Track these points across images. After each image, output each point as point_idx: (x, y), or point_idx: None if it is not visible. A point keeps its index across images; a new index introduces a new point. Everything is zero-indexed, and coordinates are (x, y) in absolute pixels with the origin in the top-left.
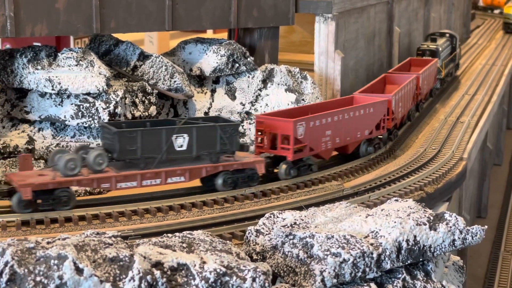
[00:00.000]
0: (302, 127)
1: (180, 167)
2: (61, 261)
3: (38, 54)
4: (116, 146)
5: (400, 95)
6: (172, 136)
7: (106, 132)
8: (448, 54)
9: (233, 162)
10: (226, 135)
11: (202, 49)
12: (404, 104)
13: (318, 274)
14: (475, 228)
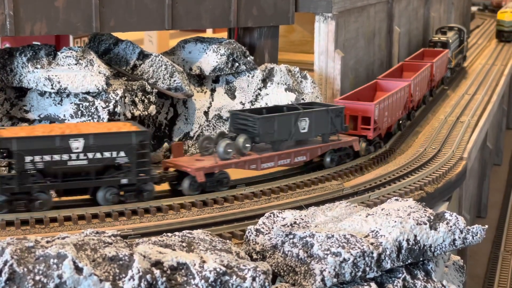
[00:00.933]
0: (377, 109)
1: (303, 148)
2: (60, 260)
3: (37, 53)
4: (259, 131)
5: (417, 81)
6: (298, 120)
7: (242, 119)
8: (457, 46)
9: (339, 141)
10: (335, 118)
11: (202, 48)
12: (420, 88)
13: (318, 273)
14: (475, 228)
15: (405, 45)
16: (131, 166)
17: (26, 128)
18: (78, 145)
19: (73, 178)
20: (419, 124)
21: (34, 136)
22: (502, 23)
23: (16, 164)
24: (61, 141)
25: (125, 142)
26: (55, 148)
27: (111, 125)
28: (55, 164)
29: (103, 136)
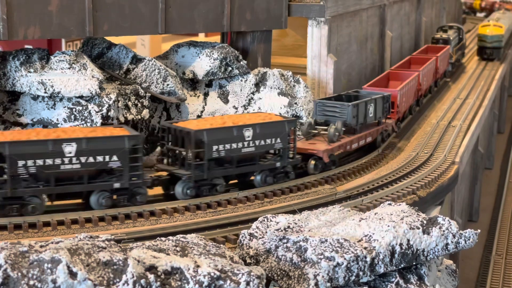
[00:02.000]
0: (399, 95)
1: (370, 130)
2: (54, 265)
3: (30, 57)
4: (349, 117)
5: (425, 72)
6: (368, 106)
7: (330, 107)
8: (456, 43)
9: (386, 123)
10: (385, 103)
11: (195, 53)
12: (427, 79)
13: (311, 278)
14: (468, 232)
15: (397, 50)
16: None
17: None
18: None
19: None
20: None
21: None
22: (484, 38)
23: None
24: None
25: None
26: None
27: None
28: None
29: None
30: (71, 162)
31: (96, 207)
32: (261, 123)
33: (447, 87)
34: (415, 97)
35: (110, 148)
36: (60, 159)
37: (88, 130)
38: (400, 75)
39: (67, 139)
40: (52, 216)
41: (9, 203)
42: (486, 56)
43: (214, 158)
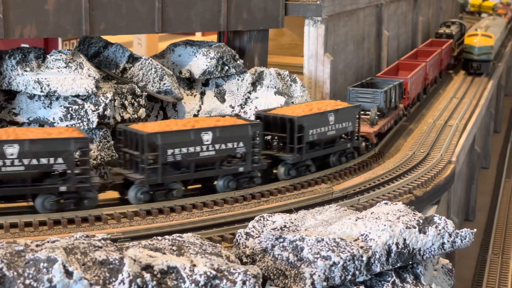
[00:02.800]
0: (410, 82)
1: (392, 114)
2: (50, 264)
3: (27, 56)
4: (381, 102)
5: (431, 63)
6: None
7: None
8: (458, 38)
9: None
10: (400, 90)
11: (192, 52)
12: (433, 69)
13: (308, 277)
14: (464, 231)
15: (394, 49)
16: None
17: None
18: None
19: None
20: (409, 126)
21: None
22: (471, 50)
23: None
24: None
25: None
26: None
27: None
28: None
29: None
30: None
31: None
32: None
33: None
34: (422, 85)
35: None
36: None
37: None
38: (409, 65)
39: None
40: (48, 215)
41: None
42: (472, 71)
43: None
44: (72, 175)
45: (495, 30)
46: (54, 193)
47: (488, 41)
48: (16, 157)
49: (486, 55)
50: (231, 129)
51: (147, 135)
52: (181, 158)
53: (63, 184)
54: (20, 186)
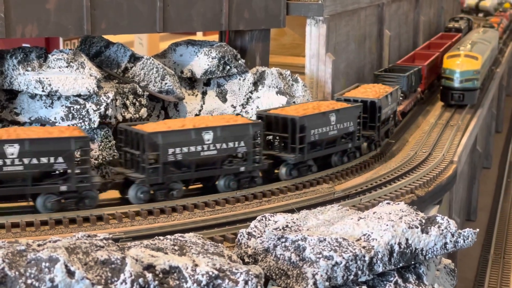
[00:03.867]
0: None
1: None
2: (52, 264)
3: (28, 56)
4: (404, 85)
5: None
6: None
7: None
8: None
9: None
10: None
11: (193, 51)
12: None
13: (310, 277)
14: (466, 231)
15: (395, 49)
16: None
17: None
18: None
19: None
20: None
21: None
22: (451, 75)
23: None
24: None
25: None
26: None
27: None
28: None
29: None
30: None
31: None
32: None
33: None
34: (435, 74)
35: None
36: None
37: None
38: (424, 55)
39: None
40: (49, 215)
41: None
42: (453, 102)
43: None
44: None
45: (483, 48)
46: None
47: (473, 64)
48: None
49: (471, 82)
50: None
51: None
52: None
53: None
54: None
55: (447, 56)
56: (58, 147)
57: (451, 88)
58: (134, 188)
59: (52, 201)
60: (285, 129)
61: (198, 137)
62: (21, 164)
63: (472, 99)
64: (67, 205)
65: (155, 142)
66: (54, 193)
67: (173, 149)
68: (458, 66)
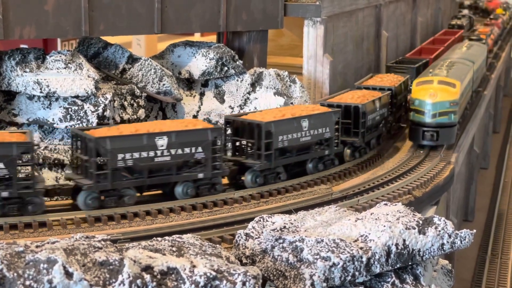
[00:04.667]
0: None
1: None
2: (50, 265)
3: (26, 57)
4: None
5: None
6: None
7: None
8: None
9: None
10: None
11: (191, 52)
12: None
13: (308, 278)
14: (463, 232)
15: (393, 50)
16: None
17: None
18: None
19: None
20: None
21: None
22: (421, 107)
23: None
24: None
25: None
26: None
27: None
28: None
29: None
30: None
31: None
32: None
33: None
34: None
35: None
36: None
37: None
38: (430, 49)
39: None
40: (47, 216)
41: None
42: (425, 141)
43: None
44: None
45: (464, 70)
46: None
47: (449, 93)
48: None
49: (447, 116)
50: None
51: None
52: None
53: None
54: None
55: (416, 83)
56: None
57: (421, 124)
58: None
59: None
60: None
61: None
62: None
63: (449, 138)
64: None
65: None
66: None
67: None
68: (430, 96)
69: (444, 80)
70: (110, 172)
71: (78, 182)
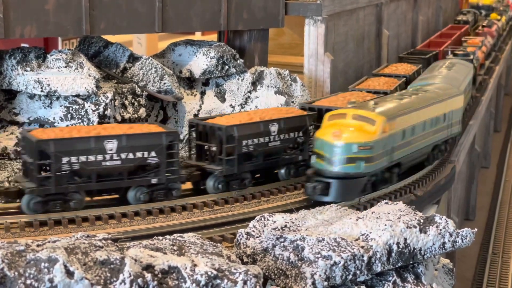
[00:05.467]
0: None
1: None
2: (51, 264)
3: (27, 56)
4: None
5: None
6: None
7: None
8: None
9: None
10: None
11: (192, 51)
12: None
13: (309, 277)
14: (465, 231)
15: (394, 48)
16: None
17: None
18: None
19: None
20: None
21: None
22: (321, 149)
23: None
24: None
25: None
26: None
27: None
28: None
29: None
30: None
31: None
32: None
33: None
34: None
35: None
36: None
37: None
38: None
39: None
40: (48, 215)
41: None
42: (309, 195)
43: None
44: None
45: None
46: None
47: (361, 133)
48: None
49: (353, 165)
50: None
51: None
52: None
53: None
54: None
55: (329, 116)
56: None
57: (318, 172)
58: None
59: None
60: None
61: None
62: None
63: (349, 193)
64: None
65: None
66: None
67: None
68: (332, 135)
69: (361, 114)
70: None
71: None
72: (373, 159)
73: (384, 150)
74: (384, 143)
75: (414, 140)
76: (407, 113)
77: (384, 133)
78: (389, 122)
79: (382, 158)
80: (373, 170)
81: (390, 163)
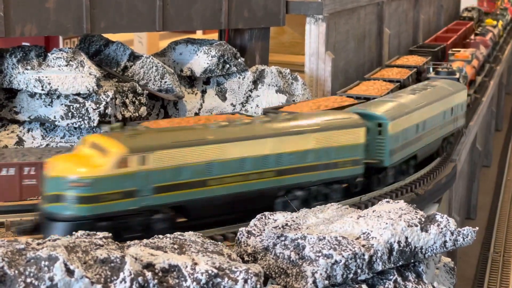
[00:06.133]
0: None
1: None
2: (51, 262)
3: (28, 54)
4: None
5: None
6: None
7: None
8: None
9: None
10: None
11: (193, 50)
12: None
13: (309, 275)
14: (466, 230)
15: (395, 47)
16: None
17: None
18: None
19: None
20: None
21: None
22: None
23: None
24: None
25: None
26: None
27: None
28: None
29: None
30: None
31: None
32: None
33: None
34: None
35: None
36: None
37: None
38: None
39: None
40: None
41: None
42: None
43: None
44: None
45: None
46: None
47: (77, 166)
48: None
49: (63, 204)
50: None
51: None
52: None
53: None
54: None
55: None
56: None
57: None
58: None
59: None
60: None
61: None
62: None
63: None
64: None
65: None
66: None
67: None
68: (52, 166)
69: (99, 142)
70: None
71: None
72: (93, 200)
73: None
74: (119, 180)
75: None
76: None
77: (121, 168)
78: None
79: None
80: (92, 213)
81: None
